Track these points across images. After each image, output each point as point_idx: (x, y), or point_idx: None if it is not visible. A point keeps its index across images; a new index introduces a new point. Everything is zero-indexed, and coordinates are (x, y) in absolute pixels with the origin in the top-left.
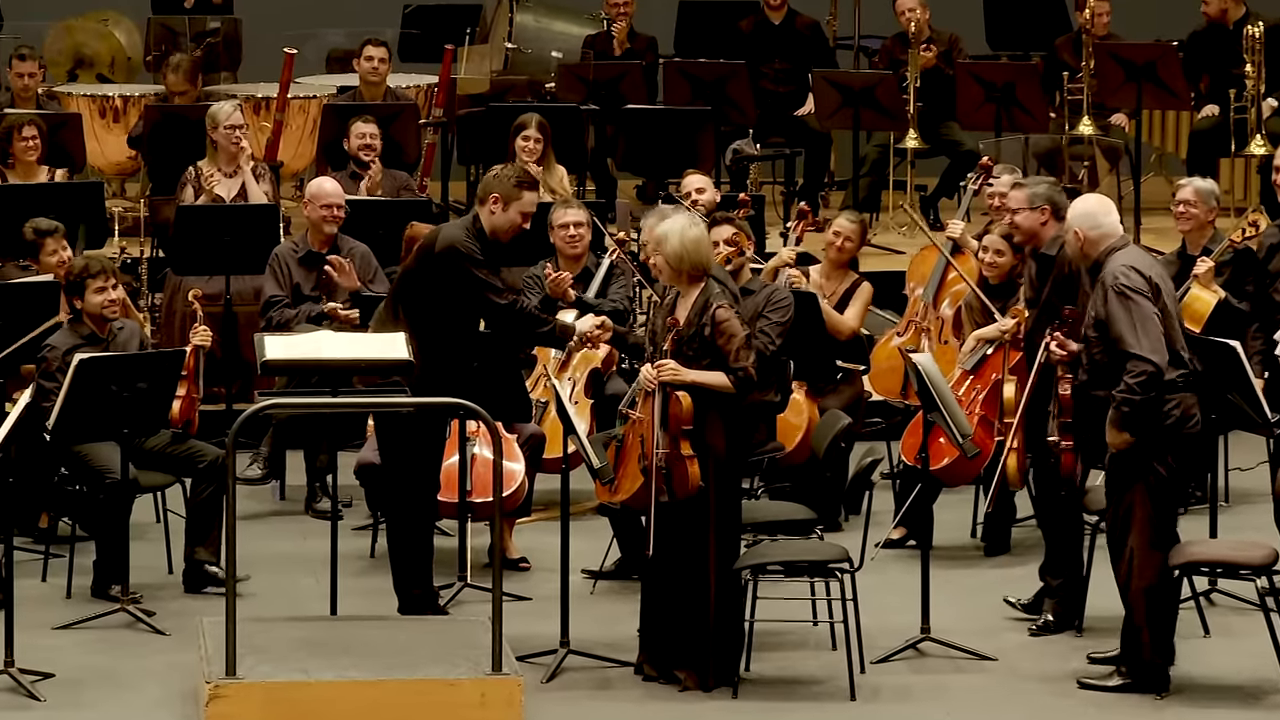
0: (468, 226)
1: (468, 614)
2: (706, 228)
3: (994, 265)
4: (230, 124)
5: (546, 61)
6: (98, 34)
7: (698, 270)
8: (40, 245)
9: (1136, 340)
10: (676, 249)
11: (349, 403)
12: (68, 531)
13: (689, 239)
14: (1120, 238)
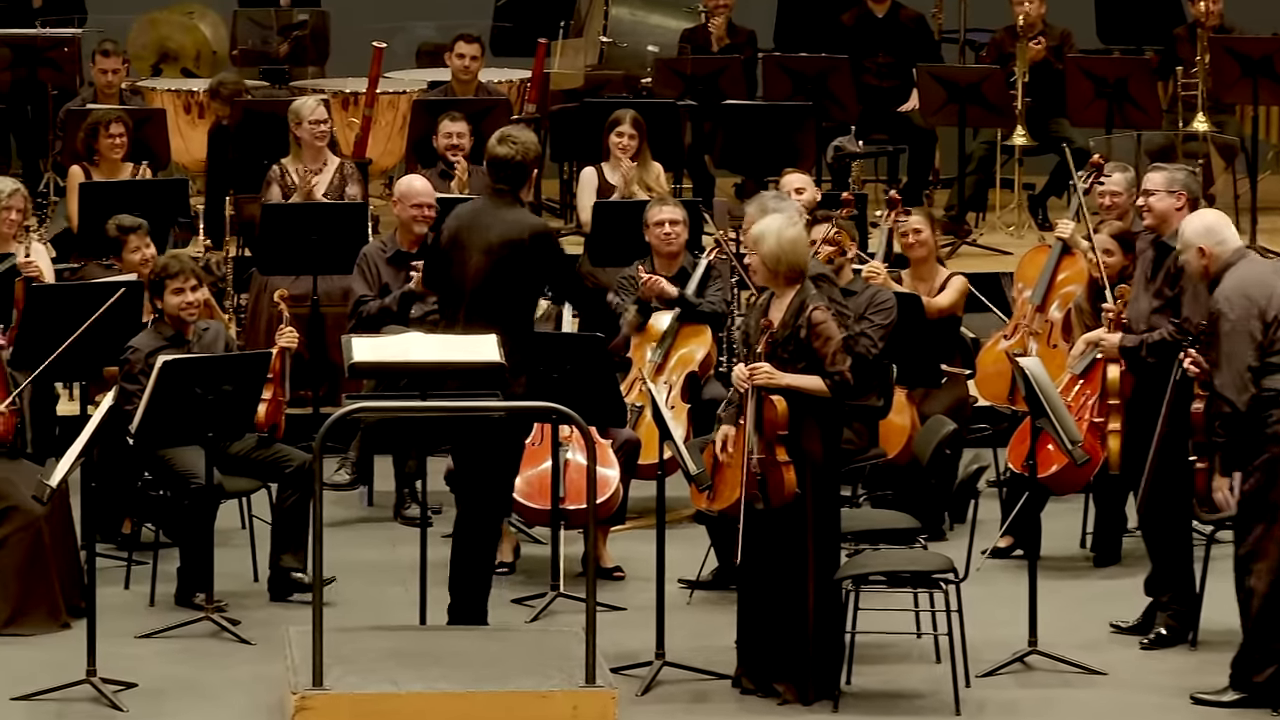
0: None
1: (560, 624)
2: (806, 227)
3: (1105, 265)
4: (314, 119)
5: (642, 56)
6: (182, 27)
7: (794, 271)
8: (123, 242)
9: (1220, 374)
10: (773, 249)
11: (439, 406)
12: (151, 538)
13: (786, 239)
14: (1236, 250)
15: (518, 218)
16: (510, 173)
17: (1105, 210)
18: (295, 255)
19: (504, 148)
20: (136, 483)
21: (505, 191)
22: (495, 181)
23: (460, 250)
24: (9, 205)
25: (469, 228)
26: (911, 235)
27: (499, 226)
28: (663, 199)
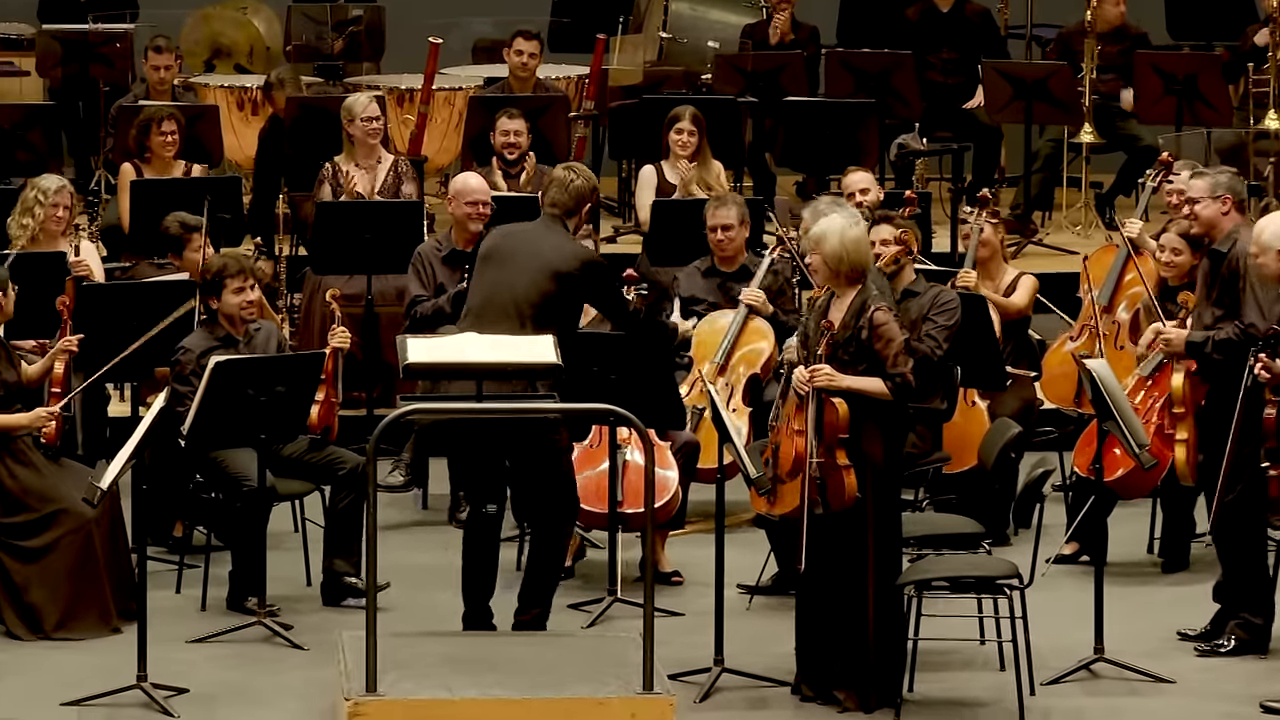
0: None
1: (617, 630)
2: (867, 227)
3: (1172, 265)
4: (367, 116)
5: (703, 51)
6: (236, 22)
7: (856, 272)
8: (186, 240)
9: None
10: (835, 249)
11: (495, 408)
12: (202, 541)
13: (849, 239)
14: None
15: (567, 245)
16: (567, 196)
17: (1173, 209)
18: (349, 254)
19: (567, 172)
20: (188, 485)
21: (558, 218)
22: (549, 205)
23: (508, 265)
24: (56, 202)
25: (520, 241)
26: (981, 247)
27: (549, 252)
28: (721, 199)
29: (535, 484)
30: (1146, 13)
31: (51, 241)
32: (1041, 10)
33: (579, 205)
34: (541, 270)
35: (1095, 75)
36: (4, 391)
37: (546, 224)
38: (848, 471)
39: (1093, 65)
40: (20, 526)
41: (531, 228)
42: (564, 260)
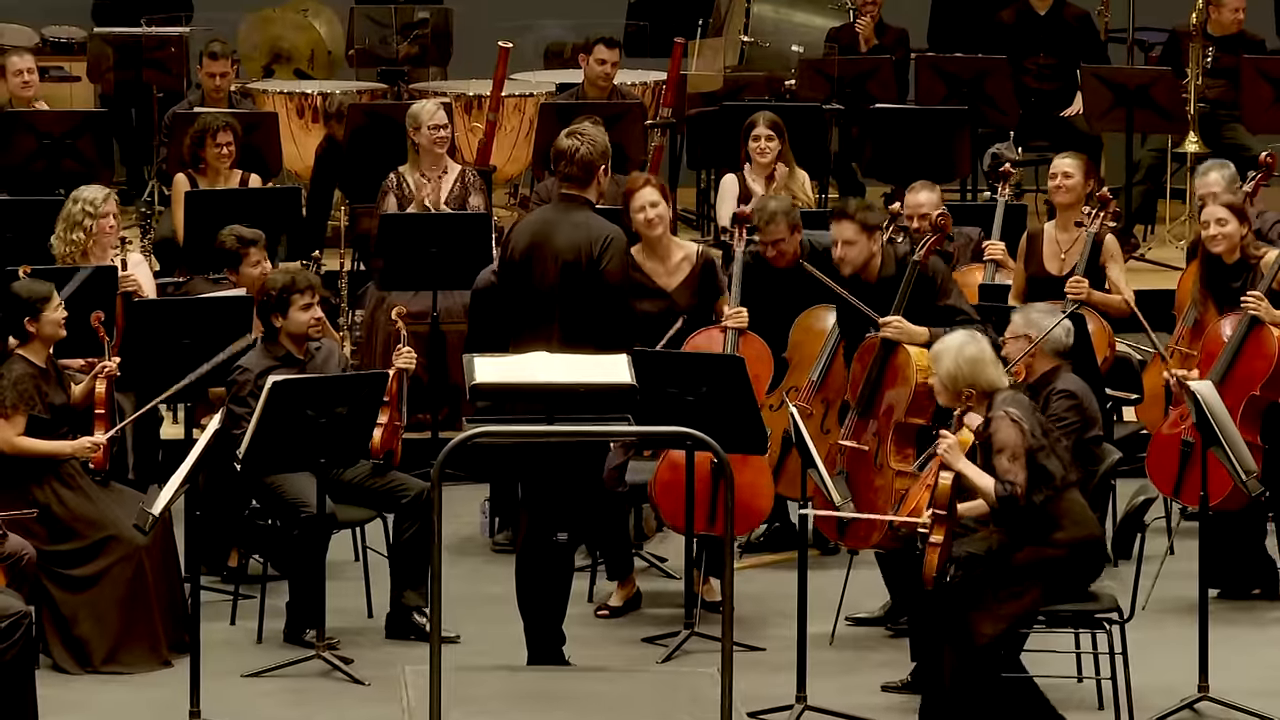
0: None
1: (694, 665)
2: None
3: (1221, 237)
4: (434, 124)
5: (786, 56)
6: (296, 25)
7: (973, 393)
8: (244, 255)
9: None
10: (950, 369)
11: (567, 431)
12: (259, 570)
13: (965, 358)
14: None
15: (589, 223)
16: (575, 169)
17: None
18: (414, 269)
19: (571, 140)
20: (244, 511)
21: (575, 196)
22: (561, 180)
23: (539, 262)
24: (105, 212)
25: (544, 235)
26: (1060, 178)
27: (569, 233)
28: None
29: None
30: (1256, 14)
31: (102, 254)
32: (1144, 13)
33: (590, 172)
34: (569, 254)
35: (1202, 81)
36: (51, 415)
37: (564, 205)
38: (933, 550)
39: (1198, 71)
40: (68, 554)
41: (550, 214)
42: (588, 238)
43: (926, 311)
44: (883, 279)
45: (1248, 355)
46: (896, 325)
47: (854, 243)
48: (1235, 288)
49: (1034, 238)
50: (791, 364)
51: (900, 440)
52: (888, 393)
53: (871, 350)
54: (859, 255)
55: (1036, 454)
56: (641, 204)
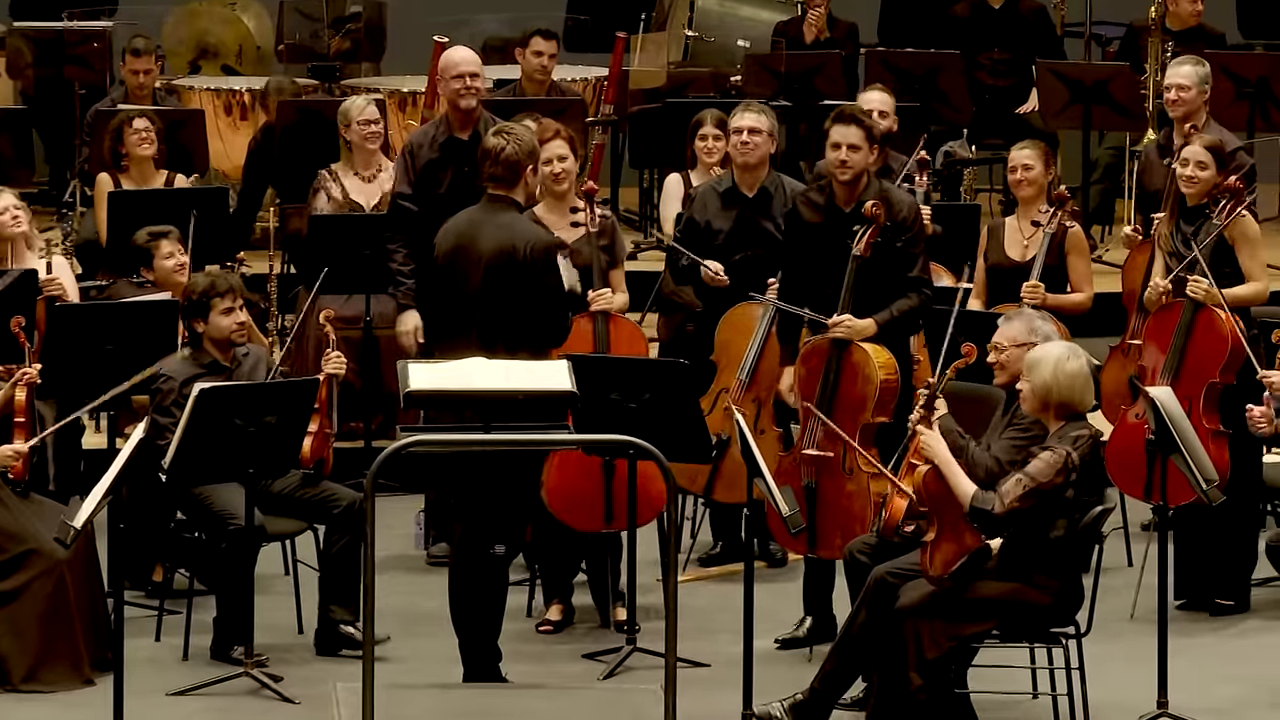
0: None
1: (636, 681)
2: None
3: (1194, 180)
4: (364, 119)
5: (732, 51)
6: (223, 19)
7: (1065, 409)
8: (154, 250)
9: None
10: (1045, 380)
11: (504, 440)
12: (185, 585)
13: (1065, 372)
14: None
15: (515, 226)
16: (501, 169)
17: (1172, 106)
18: (346, 272)
19: (497, 139)
20: (169, 524)
21: (501, 197)
22: (487, 180)
23: (462, 264)
24: (4, 207)
25: (469, 238)
26: (1021, 170)
27: (496, 235)
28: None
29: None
30: (1216, 10)
31: (22, 258)
32: (1102, 6)
33: (516, 172)
34: (494, 258)
35: (1160, 77)
36: None
37: (490, 205)
38: (935, 549)
39: (1157, 66)
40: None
41: (476, 215)
42: (512, 242)
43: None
44: (860, 201)
45: (1198, 342)
46: (848, 325)
47: (859, 148)
48: (1190, 233)
49: (994, 230)
50: (720, 365)
51: (865, 442)
52: (849, 394)
53: (821, 352)
54: (861, 161)
55: (1045, 495)
56: (550, 156)
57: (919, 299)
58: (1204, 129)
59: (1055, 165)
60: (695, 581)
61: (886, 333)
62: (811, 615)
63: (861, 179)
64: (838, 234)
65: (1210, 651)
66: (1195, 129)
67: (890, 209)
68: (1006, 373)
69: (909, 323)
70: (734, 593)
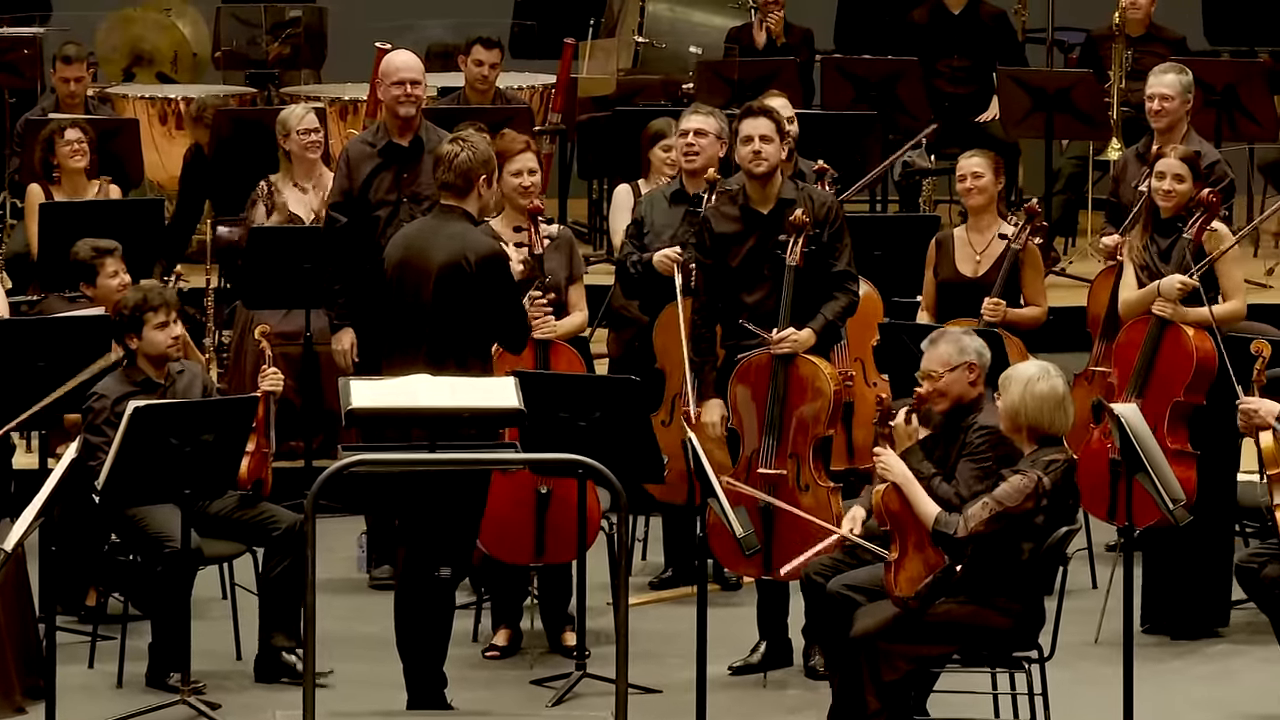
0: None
1: (586, 708)
2: None
3: (1172, 194)
4: (303, 129)
5: (683, 58)
6: (158, 25)
7: (1036, 432)
8: (99, 267)
9: None
10: (1014, 401)
11: (449, 459)
12: (119, 610)
13: (1033, 393)
14: None
15: (465, 236)
16: (454, 176)
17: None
18: (285, 286)
19: (452, 145)
20: (103, 546)
21: (452, 208)
22: (439, 188)
23: (412, 277)
24: None
25: (417, 249)
26: (970, 179)
27: (446, 246)
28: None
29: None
30: (1182, 15)
31: None
32: (1064, 12)
33: (470, 181)
34: (444, 269)
35: (1124, 85)
36: None
37: (441, 216)
38: (898, 569)
39: (1121, 74)
40: None
41: (426, 225)
42: (461, 253)
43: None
44: (780, 203)
45: (1165, 359)
46: (793, 339)
47: (771, 139)
48: (1164, 247)
49: (943, 243)
50: (668, 371)
51: (817, 456)
52: (799, 409)
53: (762, 369)
54: (775, 154)
55: (1013, 520)
56: (520, 169)
57: (847, 298)
58: (1184, 140)
59: (1004, 175)
60: (646, 605)
61: (822, 340)
62: (766, 640)
63: (776, 176)
64: (759, 238)
65: (1177, 677)
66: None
67: (814, 208)
68: (948, 399)
69: (842, 325)
70: (686, 616)
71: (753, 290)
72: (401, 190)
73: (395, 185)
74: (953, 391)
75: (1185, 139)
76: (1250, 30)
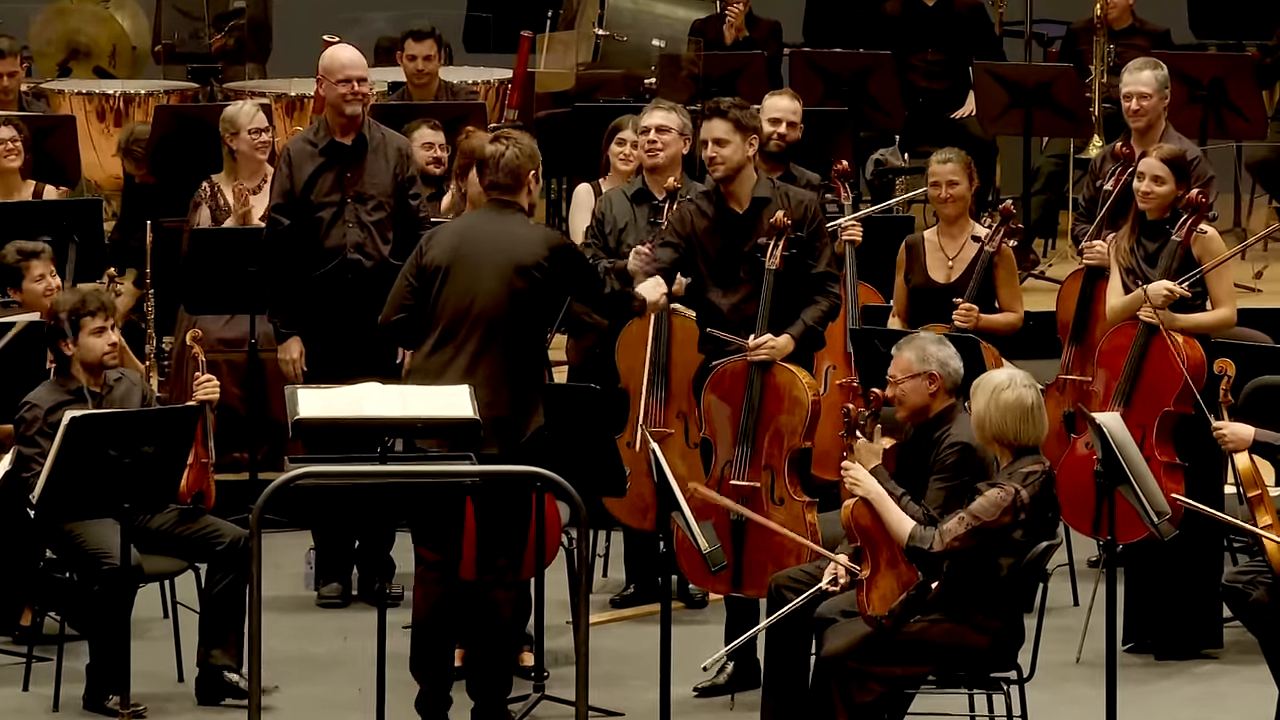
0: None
1: None
2: None
3: (1152, 195)
4: (254, 128)
5: (646, 52)
6: (95, 18)
7: (1001, 441)
8: (24, 270)
9: None
10: (980, 410)
11: (401, 471)
12: (55, 630)
13: (1000, 402)
14: None
15: (531, 233)
16: (505, 175)
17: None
18: (228, 290)
19: (500, 145)
20: (38, 563)
21: (509, 203)
22: (492, 189)
23: (465, 271)
24: None
25: (473, 243)
26: (945, 187)
27: (511, 245)
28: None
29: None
30: (1166, 7)
31: None
32: (1043, 4)
33: (519, 180)
34: (507, 268)
35: (1106, 79)
36: None
37: (496, 212)
38: (870, 588)
39: (1103, 68)
40: None
41: (482, 221)
42: (530, 251)
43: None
44: (755, 202)
45: (1152, 368)
46: (770, 345)
47: (726, 142)
48: (1152, 250)
49: (913, 247)
50: (632, 390)
51: (793, 469)
52: (775, 419)
53: (737, 376)
54: (733, 155)
55: (991, 535)
56: None
57: (829, 302)
58: (1164, 137)
59: (977, 176)
60: (608, 624)
61: (801, 346)
62: (734, 660)
63: (743, 174)
64: (733, 239)
65: (1163, 698)
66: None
67: (790, 208)
68: (905, 407)
69: (822, 330)
70: (650, 635)
71: (728, 292)
72: (345, 191)
73: (338, 185)
74: (909, 400)
75: (1164, 136)
76: (1237, 23)
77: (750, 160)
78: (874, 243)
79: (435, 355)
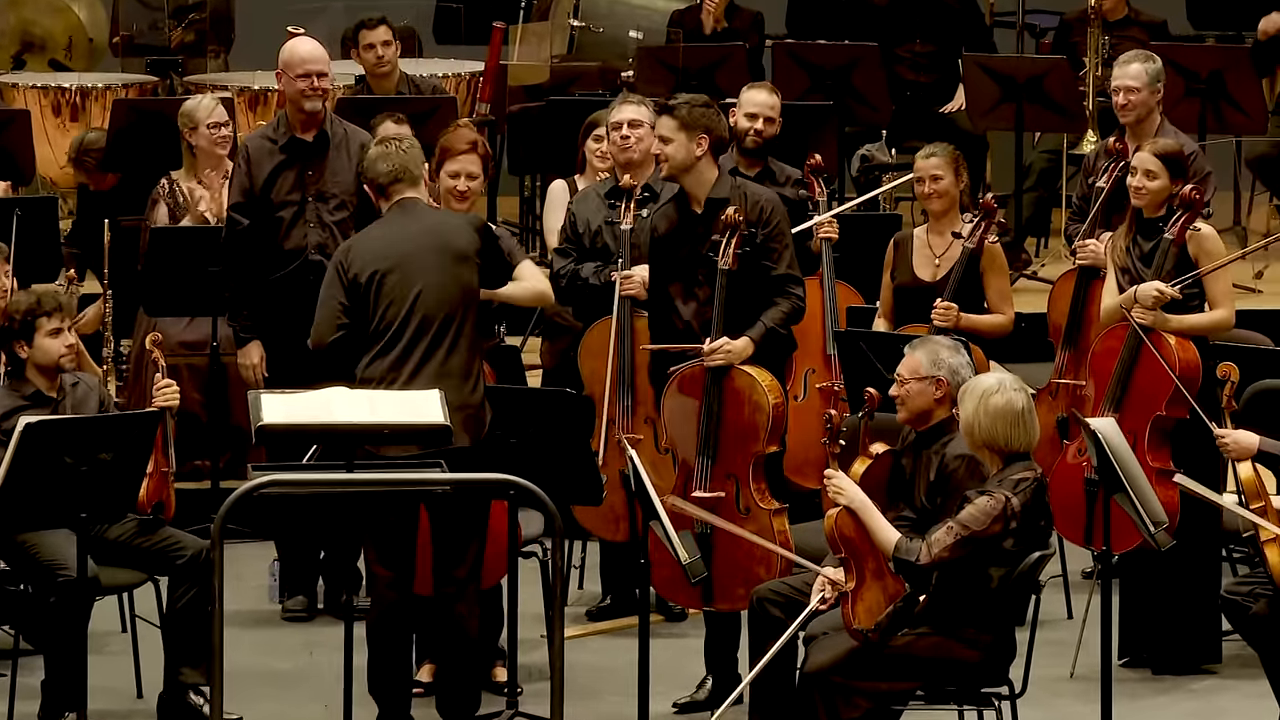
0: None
1: None
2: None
3: (1144, 191)
4: (213, 122)
5: (623, 43)
6: (51, 9)
7: (992, 447)
8: None
9: None
10: (969, 415)
11: (368, 480)
12: (9, 644)
13: (988, 407)
14: None
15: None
16: (405, 171)
17: (1122, 110)
18: (189, 292)
19: (383, 148)
20: None
21: (415, 200)
22: (396, 186)
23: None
24: None
25: (402, 244)
26: (930, 182)
27: (445, 236)
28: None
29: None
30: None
31: None
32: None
33: (415, 176)
34: (448, 258)
35: (1101, 72)
36: None
37: (408, 211)
38: (856, 600)
39: (1098, 60)
40: None
41: (401, 221)
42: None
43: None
44: (711, 203)
45: (1145, 371)
46: (726, 350)
47: (670, 140)
48: (1148, 249)
49: (901, 244)
50: (597, 396)
51: (759, 475)
52: (735, 425)
53: (695, 381)
54: (676, 153)
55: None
56: (459, 170)
57: (790, 303)
58: (1158, 132)
59: (966, 172)
60: (583, 637)
61: (762, 349)
62: (714, 675)
63: (695, 174)
64: (690, 239)
65: (1159, 714)
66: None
67: (747, 206)
68: (907, 409)
69: (786, 333)
70: (627, 649)
71: (688, 299)
72: (306, 189)
73: (299, 184)
74: (913, 403)
75: (1160, 130)
76: (1236, 13)
77: (699, 160)
78: (859, 242)
79: (390, 361)
